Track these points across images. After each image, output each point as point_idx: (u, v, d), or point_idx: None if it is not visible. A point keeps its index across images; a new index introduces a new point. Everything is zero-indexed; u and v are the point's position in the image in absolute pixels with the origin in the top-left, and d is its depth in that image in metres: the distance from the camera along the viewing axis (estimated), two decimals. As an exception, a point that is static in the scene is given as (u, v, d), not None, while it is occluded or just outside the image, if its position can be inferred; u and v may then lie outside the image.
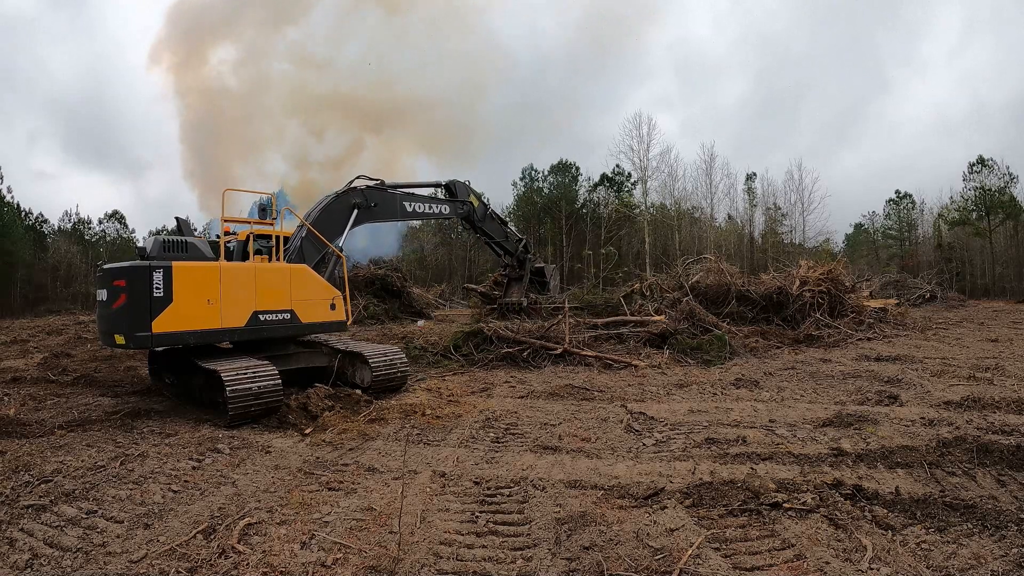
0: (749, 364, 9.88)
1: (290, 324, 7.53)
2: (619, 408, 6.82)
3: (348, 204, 9.54)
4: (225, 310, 6.83)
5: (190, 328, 6.54)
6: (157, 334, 6.31)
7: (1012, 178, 41.06)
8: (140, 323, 6.25)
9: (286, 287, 7.52)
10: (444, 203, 12.64)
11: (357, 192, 9.76)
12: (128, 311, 6.31)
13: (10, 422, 6.09)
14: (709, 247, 38.48)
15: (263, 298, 7.22)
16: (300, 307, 7.63)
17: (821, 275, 14.60)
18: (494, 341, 11.00)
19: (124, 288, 6.35)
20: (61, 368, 10.24)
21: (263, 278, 7.30)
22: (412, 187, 11.64)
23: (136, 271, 6.31)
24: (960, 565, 2.99)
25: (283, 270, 7.64)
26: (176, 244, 6.92)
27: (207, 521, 3.70)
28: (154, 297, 6.29)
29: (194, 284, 6.60)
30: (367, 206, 9.81)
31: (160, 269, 6.35)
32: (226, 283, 6.86)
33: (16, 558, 3.24)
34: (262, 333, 7.28)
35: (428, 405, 7.01)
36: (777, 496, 3.84)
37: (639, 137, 44.22)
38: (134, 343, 6.34)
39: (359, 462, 4.93)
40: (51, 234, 50.20)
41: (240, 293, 7.01)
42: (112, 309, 6.46)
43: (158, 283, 6.31)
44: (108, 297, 6.58)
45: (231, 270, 7.01)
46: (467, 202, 13.29)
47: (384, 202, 10.37)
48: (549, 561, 3.16)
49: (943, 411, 6.24)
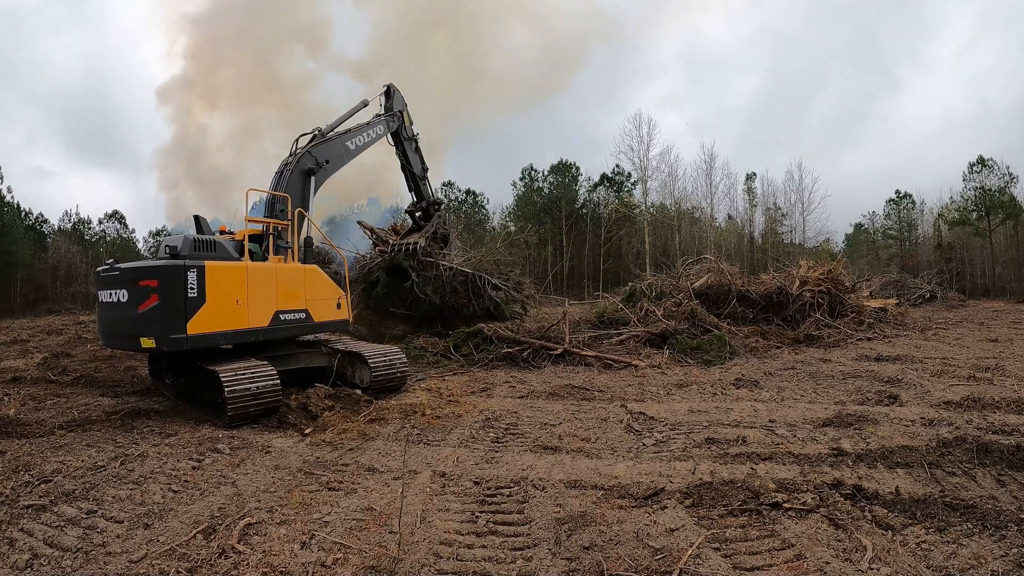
0: (749, 364, 9.88)
1: (305, 323, 7.60)
2: (619, 408, 6.82)
3: (302, 171, 8.91)
4: (252, 310, 6.82)
5: (222, 329, 6.47)
6: (192, 335, 6.15)
7: (1012, 178, 41.12)
8: (175, 324, 6.05)
9: (302, 286, 7.59)
10: (378, 124, 11.20)
11: (307, 156, 9.05)
12: (161, 312, 6.07)
13: (10, 422, 6.09)
14: (709, 247, 38.47)
15: (284, 298, 7.27)
16: (313, 306, 7.72)
17: (821, 275, 14.62)
18: (494, 341, 11.00)
19: (156, 288, 6.10)
20: (61, 368, 10.25)
21: (283, 278, 7.36)
22: (347, 118, 10.61)
23: (171, 271, 6.10)
24: (960, 565, 2.99)
25: (299, 270, 7.71)
26: (206, 243, 6.85)
27: (207, 521, 3.70)
28: (188, 298, 6.13)
29: (225, 284, 6.53)
30: (320, 166, 9.18)
31: (194, 269, 6.20)
32: (252, 283, 6.85)
33: (16, 558, 3.24)
34: (283, 332, 7.34)
35: (428, 405, 7.01)
36: (777, 496, 3.84)
37: (639, 137, 44.34)
38: (168, 345, 6.12)
39: (359, 462, 4.92)
40: (51, 234, 50.22)
41: (264, 293, 7.02)
42: (139, 311, 6.18)
43: (192, 283, 6.16)
44: (132, 298, 6.30)
45: (257, 270, 7.01)
46: (398, 113, 12.02)
47: (332, 154, 9.62)
48: (549, 561, 3.16)
49: (943, 411, 6.24)
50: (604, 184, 49.47)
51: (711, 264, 15.73)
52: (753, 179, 48.62)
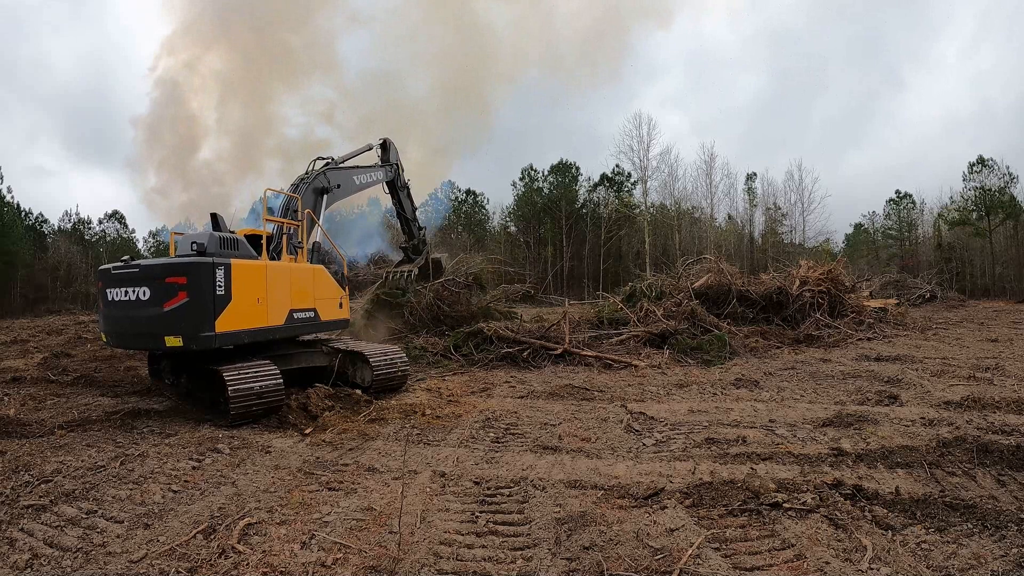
0: (749, 364, 9.88)
1: (314, 322, 7.71)
2: (619, 408, 6.82)
3: (316, 189, 9.53)
4: (271, 309, 6.89)
5: (245, 327, 6.50)
6: (220, 334, 6.14)
7: (1012, 178, 41.06)
8: (204, 322, 6.02)
9: (311, 286, 7.70)
10: (379, 169, 12.38)
11: (322, 176, 9.73)
12: (189, 310, 6.01)
13: (10, 422, 6.09)
14: (709, 247, 38.48)
15: (296, 297, 7.36)
16: (320, 305, 7.83)
17: (821, 275, 14.62)
18: (494, 341, 11.00)
19: (185, 285, 6.03)
20: (61, 368, 10.25)
21: (296, 277, 7.47)
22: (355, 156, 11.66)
23: (201, 267, 6.04)
24: (960, 565, 2.99)
25: (308, 270, 7.83)
26: (230, 241, 6.86)
27: (207, 521, 3.70)
28: (217, 296, 6.12)
29: (249, 282, 6.57)
30: (331, 189, 9.86)
31: (222, 266, 6.19)
32: (271, 282, 6.92)
33: (16, 558, 3.24)
34: (295, 331, 7.46)
35: (428, 405, 7.01)
36: (777, 496, 3.84)
37: (639, 137, 44.33)
38: (197, 344, 6.05)
39: (359, 462, 4.93)
40: (51, 234, 50.19)
41: (280, 292, 7.09)
42: (164, 308, 6.08)
43: (220, 281, 6.15)
44: (156, 295, 6.17)
45: (274, 269, 7.08)
46: (395, 165, 13.05)
47: (343, 181, 10.43)
48: (549, 561, 3.16)
49: (943, 411, 6.24)
50: (604, 184, 49.44)
51: (711, 264, 15.73)
52: (753, 179, 48.65)
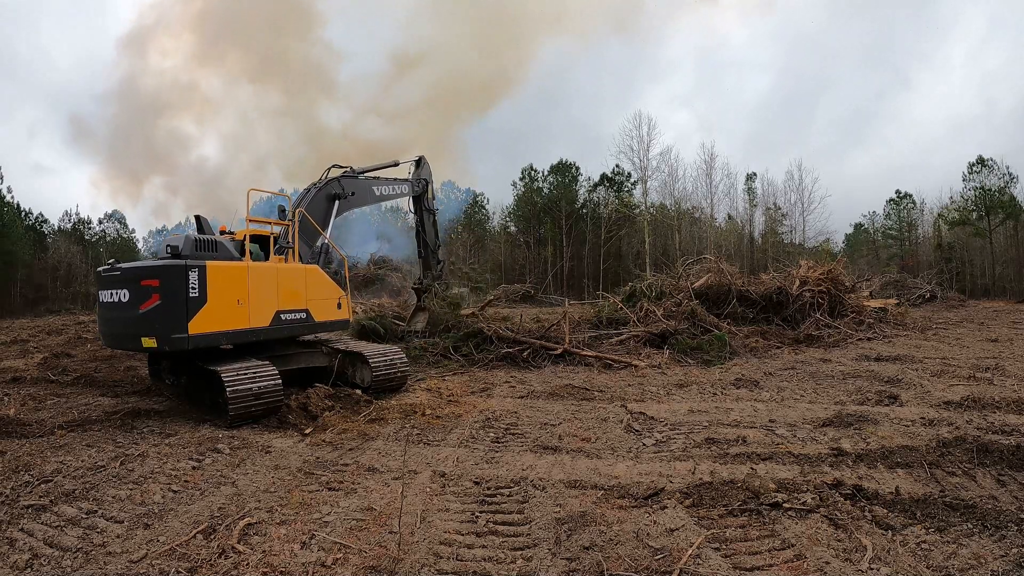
0: (749, 364, 9.88)
1: (306, 323, 7.64)
2: (619, 408, 6.82)
3: (329, 195, 9.56)
4: (253, 310, 6.84)
5: (223, 329, 6.48)
6: (194, 335, 6.17)
7: (1012, 178, 41.05)
8: (176, 324, 6.07)
9: (302, 287, 7.64)
10: (405, 183, 12.25)
11: (335, 183, 9.77)
12: (162, 312, 6.08)
13: (10, 422, 6.09)
14: (709, 247, 38.47)
15: (284, 298, 7.30)
16: (313, 306, 7.76)
17: (821, 275, 14.61)
18: (494, 341, 11.00)
19: (157, 288, 6.11)
20: (61, 368, 10.25)
21: (284, 278, 7.39)
22: (378, 169, 11.65)
23: (172, 270, 6.10)
24: (960, 565, 2.99)
25: (300, 270, 7.75)
26: (208, 243, 6.85)
27: (207, 521, 3.70)
28: (190, 297, 6.15)
29: (227, 284, 6.54)
30: (345, 196, 9.86)
31: (195, 269, 6.21)
32: (253, 283, 6.87)
33: (16, 558, 3.24)
34: (283, 332, 7.38)
35: (428, 405, 7.01)
36: (777, 496, 3.84)
37: (639, 137, 44.28)
38: (169, 345, 6.12)
39: (359, 462, 4.92)
40: (51, 234, 50.15)
41: (265, 293, 7.04)
42: (140, 311, 6.18)
43: (193, 283, 6.18)
44: (132, 297, 6.30)
45: (257, 270, 7.03)
46: (424, 180, 12.99)
47: (359, 190, 10.43)
48: (549, 561, 3.16)
49: (943, 411, 6.24)
50: (604, 184, 49.42)
51: (711, 264, 15.73)
52: (753, 179, 48.61)
